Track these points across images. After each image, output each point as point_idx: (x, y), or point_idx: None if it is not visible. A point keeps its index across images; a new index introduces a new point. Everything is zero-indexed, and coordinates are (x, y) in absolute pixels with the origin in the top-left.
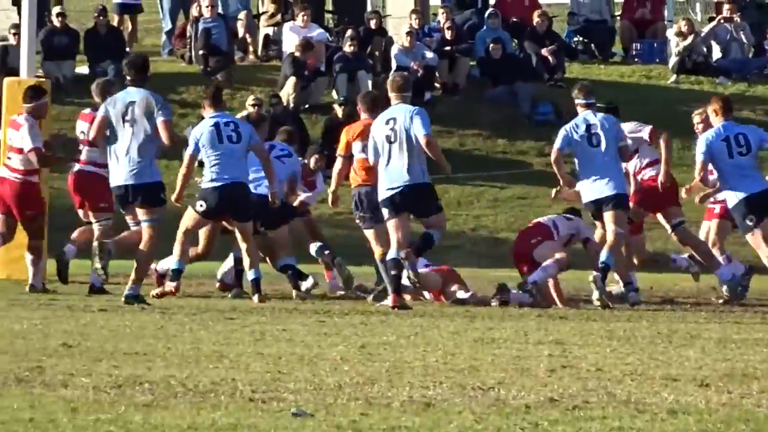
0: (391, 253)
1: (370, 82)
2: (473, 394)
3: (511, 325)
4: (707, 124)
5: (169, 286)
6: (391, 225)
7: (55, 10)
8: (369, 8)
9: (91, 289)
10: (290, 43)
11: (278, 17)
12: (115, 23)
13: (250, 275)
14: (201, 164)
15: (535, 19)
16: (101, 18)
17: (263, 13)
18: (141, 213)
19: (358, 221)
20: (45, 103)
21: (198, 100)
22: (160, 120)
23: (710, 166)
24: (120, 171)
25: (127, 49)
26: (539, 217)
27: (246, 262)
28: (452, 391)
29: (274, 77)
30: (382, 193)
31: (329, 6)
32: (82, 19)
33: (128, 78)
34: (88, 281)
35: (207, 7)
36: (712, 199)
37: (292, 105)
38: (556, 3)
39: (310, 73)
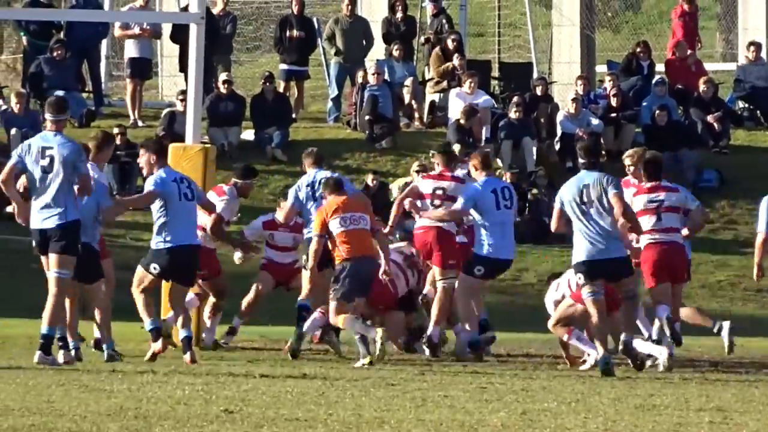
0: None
1: (535, 149)
2: None
3: (672, 391)
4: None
5: None
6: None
7: (222, 76)
8: (535, 75)
9: None
10: (456, 109)
11: (444, 84)
12: (281, 89)
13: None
14: None
15: (701, 86)
16: (268, 84)
17: (429, 79)
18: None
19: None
20: (251, 185)
21: (363, 167)
22: (612, 193)
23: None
24: (591, 248)
25: (293, 115)
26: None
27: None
28: None
29: (439, 144)
30: None
31: (495, 73)
32: (248, 85)
33: (581, 161)
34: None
35: (373, 74)
36: None
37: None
38: (722, 70)
39: (475, 139)
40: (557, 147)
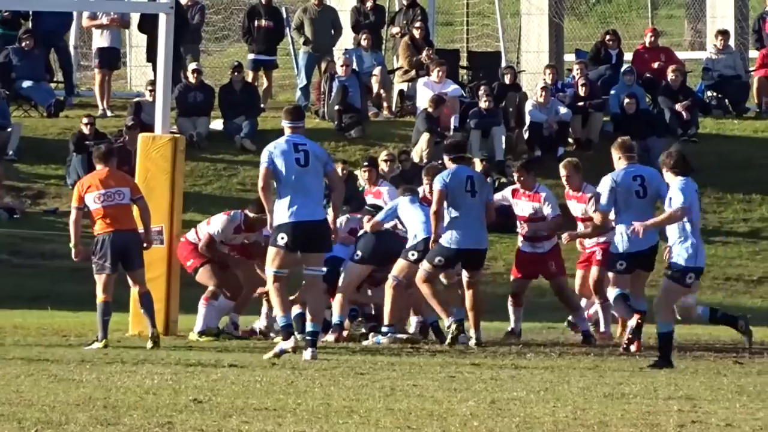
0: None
1: (504, 138)
2: None
3: (640, 380)
4: None
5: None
6: None
7: (191, 66)
8: (503, 64)
9: None
10: (424, 98)
11: (413, 73)
12: (249, 79)
13: None
14: None
15: (670, 75)
16: (236, 74)
17: (398, 68)
18: None
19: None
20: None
21: (332, 156)
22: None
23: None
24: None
25: (262, 105)
26: None
27: None
28: None
29: (408, 133)
30: None
31: (464, 62)
32: (216, 75)
33: (453, 155)
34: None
35: (342, 66)
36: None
37: (425, 161)
38: (689, 58)
39: (444, 129)
40: (525, 136)
